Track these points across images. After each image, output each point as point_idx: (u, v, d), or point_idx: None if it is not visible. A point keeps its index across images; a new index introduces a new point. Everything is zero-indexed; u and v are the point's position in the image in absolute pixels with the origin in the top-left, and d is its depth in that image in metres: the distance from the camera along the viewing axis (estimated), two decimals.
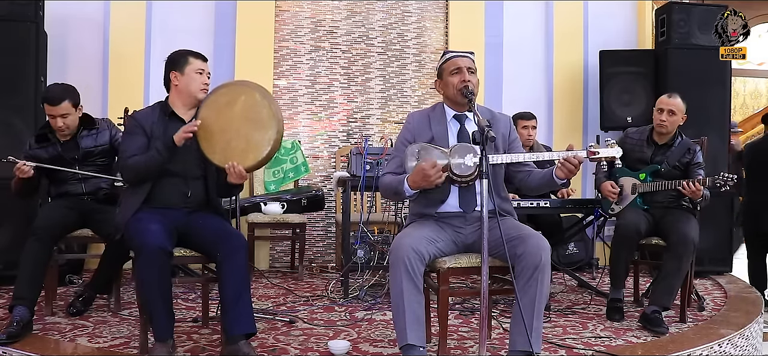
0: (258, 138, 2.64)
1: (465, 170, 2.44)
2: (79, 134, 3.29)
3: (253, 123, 2.64)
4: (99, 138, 3.33)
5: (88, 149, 3.29)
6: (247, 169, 2.64)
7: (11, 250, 3.84)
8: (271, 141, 2.63)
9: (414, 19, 5.41)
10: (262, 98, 2.68)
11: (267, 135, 2.64)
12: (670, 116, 3.49)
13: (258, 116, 2.65)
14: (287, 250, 5.07)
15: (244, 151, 2.63)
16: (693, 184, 3.26)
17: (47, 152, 3.25)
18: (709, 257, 4.68)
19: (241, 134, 2.64)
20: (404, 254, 2.35)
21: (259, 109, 2.66)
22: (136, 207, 2.66)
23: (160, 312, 2.50)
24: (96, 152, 3.31)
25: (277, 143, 2.67)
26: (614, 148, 2.46)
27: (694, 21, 4.84)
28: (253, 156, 2.64)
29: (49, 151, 3.26)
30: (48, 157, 3.24)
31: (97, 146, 3.31)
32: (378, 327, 3.15)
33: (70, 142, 3.29)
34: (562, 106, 5.51)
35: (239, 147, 2.63)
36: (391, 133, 5.16)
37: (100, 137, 3.33)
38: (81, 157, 3.28)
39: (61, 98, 3.14)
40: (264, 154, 2.65)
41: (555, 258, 4.41)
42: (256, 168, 2.80)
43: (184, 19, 4.94)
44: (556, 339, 2.97)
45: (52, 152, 3.25)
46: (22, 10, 4.09)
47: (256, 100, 2.67)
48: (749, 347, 3.25)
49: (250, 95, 2.68)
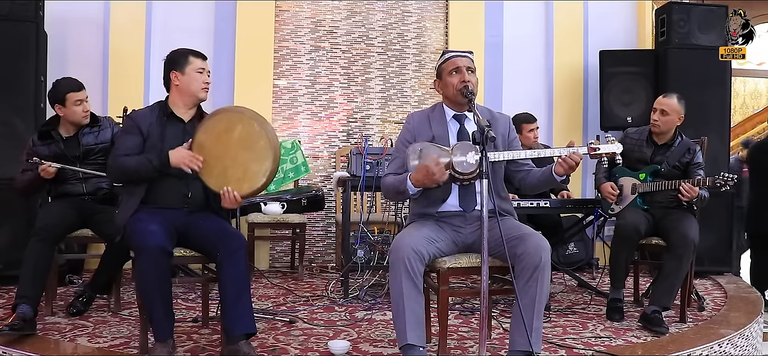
0: (255, 169, 2.64)
1: (467, 168, 2.43)
2: (81, 131, 3.31)
3: (251, 153, 2.65)
4: (101, 136, 3.35)
5: (89, 146, 3.30)
6: (242, 196, 2.64)
7: (11, 250, 3.85)
8: (266, 172, 2.65)
9: (414, 19, 5.41)
10: (260, 127, 2.68)
11: (263, 166, 2.64)
12: (662, 116, 3.49)
13: (256, 146, 2.65)
14: (287, 250, 5.07)
15: (240, 180, 2.64)
16: (685, 185, 3.26)
17: (49, 149, 3.26)
18: (709, 257, 4.67)
19: (238, 162, 2.65)
20: (404, 254, 2.35)
21: (257, 139, 2.65)
22: (134, 208, 2.65)
23: (160, 312, 2.50)
24: (97, 150, 3.32)
25: (273, 173, 2.68)
26: (615, 144, 2.46)
27: (694, 21, 4.84)
28: (248, 185, 2.65)
29: (52, 148, 3.26)
30: (49, 154, 3.24)
31: (98, 144, 3.32)
32: (378, 327, 3.15)
33: (71, 139, 3.30)
34: (562, 106, 5.51)
35: (236, 175, 2.64)
36: (391, 133, 5.16)
37: (102, 135, 3.35)
38: (82, 154, 3.28)
39: (81, 85, 3.23)
40: (259, 184, 2.66)
41: (555, 258, 4.41)
42: (250, 196, 2.81)
43: (184, 19, 4.94)
44: (556, 339, 2.97)
45: (54, 150, 3.26)
46: (22, 10, 4.10)
47: (253, 129, 2.66)
48: (749, 347, 3.25)
49: (247, 123, 2.68)
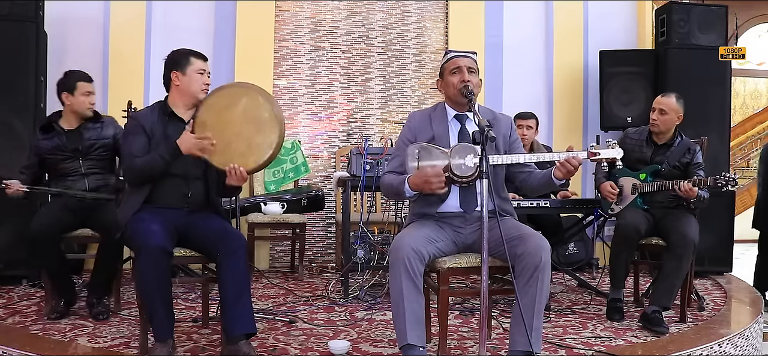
0: (259, 141, 2.61)
1: (465, 171, 2.43)
2: (84, 125, 3.34)
3: (254, 125, 2.62)
4: (103, 132, 3.38)
5: (92, 141, 3.33)
6: (248, 171, 2.62)
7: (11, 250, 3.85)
8: (272, 145, 2.61)
9: (414, 19, 5.41)
10: (264, 100, 2.66)
11: (269, 139, 2.61)
12: (661, 115, 3.49)
13: (260, 118, 2.62)
14: (287, 250, 5.07)
15: (244, 154, 2.61)
16: (685, 185, 3.26)
17: (52, 142, 3.30)
18: (709, 257, 4.68)
19: (242, 136, 2.62)
20: (404, 254, 2.35)
21: (261, 111, 2.63)
22: (136, 207, 2.66)
23: (160, 312, 2.50)
24: (98, 146, 3.35)
25: (279, 146, 2.64)
26: (615, 149, 2.46)
27: (694, 21, 4.83)
28: (254, 159, 2.62)
29: (54, 141, 3.30)
30: (51, 146, 3.29)
31: (101, 140, 3.36)
32: (378, 327, 3.15)
33: (74, 132, 3.33)
34: (562, 106, 5.51)
35: (240, 150, 2.61)
36: (391, 133, 5.16)
37: (104, 131, 3.38)
38: (85, 148, 3.31)
39: (91, 78, 3.33)
40: (265, 157, 2.63)
41: (555, 258, 4.41)
42: (256, 171, 2.78)
43: (184, 19, 4.94)
44: (556, 339, 2.97)
45: (56, 142, 3.30)
46: (22, 10, 4.09)
47: (258, 102, 2.64)
48: (749, 347, 3.24)
49: (252, 96, 2.66)
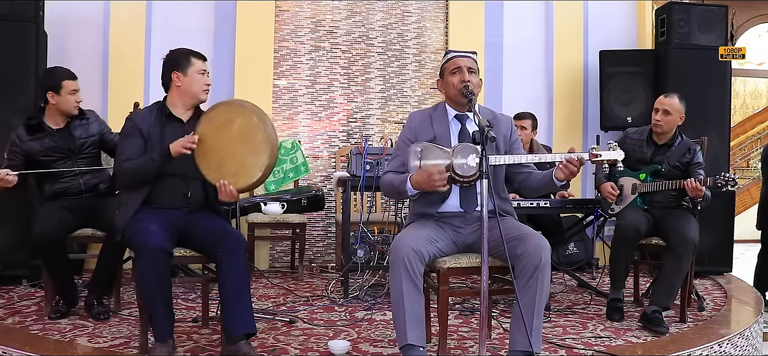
0: (251, 162, 2.63)
1: (467, 171, 2.43)
2: (72, 124, 3.31)
3: (248, 146, 2.64)
4: (90, 128, 3.37)
5: (83, 140, 3.32)
6: (238, 190, 2.64)
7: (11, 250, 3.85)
8: (262, 167, 2.63)
9: (414, 19, 5.41)
10: (259, 121, 2.66)
11: (260, 160, 2.63)
12: (665, 116, 3.49)
13: (253, 139, 2.64)
14: (287, 250, 5.06)
15: (236, 173, 2.63)
16: (694, 182, 3.26)
17: (41, 143, 3.24)
18: (709, 257, 4.67)
19: (235, 156, 2.64)
20: (404, 254, 2.35)
21: (255, 132, 2.64)
22: (135, 208, 2.66)
23: (160, 312, 2.50)
24: (89, 143, 3.34)
25: (269, 168, 2.67)
26: (616, 151, 2.45)
27: (694, 21, 4.83)
28: (244, 179, 2.64)
29: (44, 142, 3.24)
30: (41, 148, 3.23)
31: (89, 136, 3.35)
32: (378, 327, 3.15)
33: (63, 131, 3.30)
34: (562, 106, 5.50)
35: (232, 169, 2.63)
36: (391, 133, 5.15)
37: (91, 128, 3.37)
38: (77, 147, 3.29)
39: (75, 75, 3.27)
40: (255, 178, 2.65)
41: (555, 258, 4.41)
42: (246, 191, 2.80)
43: (184, 19, 4.94)
44: (556, 339, 2.97)
45: (47, 143, 3.24)
46: (22, 10, 4.09)
47: (252, 123, 2.65)
48: (749, 347, 3.24)
49: (247, 116, 2.67)
